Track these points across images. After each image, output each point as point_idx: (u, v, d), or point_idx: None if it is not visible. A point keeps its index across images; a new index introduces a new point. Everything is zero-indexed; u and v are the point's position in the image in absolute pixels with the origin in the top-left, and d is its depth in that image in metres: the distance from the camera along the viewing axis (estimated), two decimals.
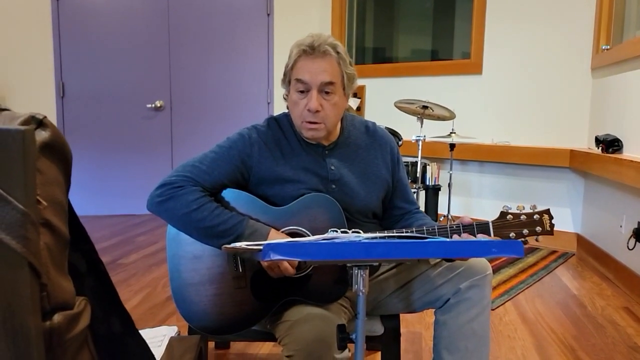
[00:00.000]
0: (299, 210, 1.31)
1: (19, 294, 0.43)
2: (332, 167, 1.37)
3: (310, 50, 1.27)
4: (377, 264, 1.37)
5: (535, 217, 1.30)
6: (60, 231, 0.47)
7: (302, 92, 1.30)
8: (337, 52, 1.29)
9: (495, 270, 2.96)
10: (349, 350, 1.18)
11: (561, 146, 3.48)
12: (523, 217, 1.29)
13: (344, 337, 1.04)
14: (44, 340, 0.45)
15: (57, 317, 0.47)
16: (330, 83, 1.28)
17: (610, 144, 2.83)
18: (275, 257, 0.86)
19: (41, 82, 4.21)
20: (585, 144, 3.42)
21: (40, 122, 0.47)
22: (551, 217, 1.31)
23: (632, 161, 2.47)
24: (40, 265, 0.44)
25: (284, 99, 1.38)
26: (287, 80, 1.34)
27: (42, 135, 0.46)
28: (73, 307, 0.49)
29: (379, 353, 1.75)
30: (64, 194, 0.49)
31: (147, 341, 0.68)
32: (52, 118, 4.20)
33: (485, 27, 3.75)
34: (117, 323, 0.59)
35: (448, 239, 1.18)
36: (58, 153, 0.48)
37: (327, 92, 1.29)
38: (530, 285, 2.76)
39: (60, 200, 0.48)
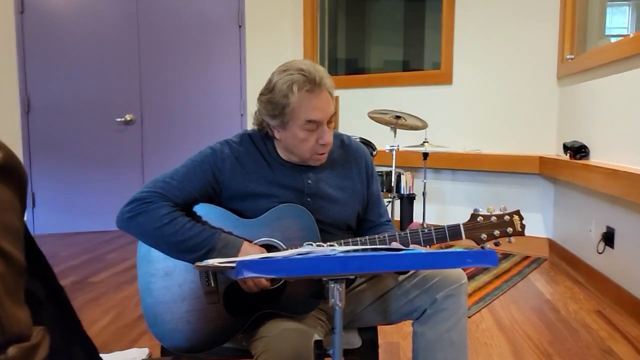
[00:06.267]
0: (271, 221, 1.30)
1: None
2: (309, 182, 1.36)
3: (312, 86, 1.23)
4: (353, 277, 1.36)
5: (505, 218, 1.31)
6: (14, 258, 0.44)
7: (311, 130, 1.27)
8: (327, 79, 1.27)
9: (470, 277, 2.98)
10: None
11: (531, 153, 3.55)
12: (493, 218, 1.31)
13: (320, 354, 1.02)
14: None
15: (12, 350, 0.43)
16: (334, 113, 1.30)
17: (578, 151, 2.91)
18: (248, 274, 0.84)
19: (5, 96, 4.07)
20: (554, 150, 3.51)
21: None
22: (521, 218, 1.32)
23: (598, 167, 2.53)
24: None
25: (266, 129, 1.33)
26: (286, 121, 1.27)
27: None
28: (30, 338, 0.46)
29: None
30: (18, 219, 0.46)
31: None
32: (17, 134, 4.06)
33: (454, 38, 3.83)
34: (80, 352, 0.56)
35: (423, 251, 1.18)
36: (11, 176, 0.45)
37: (329, 121, 1.30)
38: (505, 292, 2.79)
39: (14, 226, 0.45)
